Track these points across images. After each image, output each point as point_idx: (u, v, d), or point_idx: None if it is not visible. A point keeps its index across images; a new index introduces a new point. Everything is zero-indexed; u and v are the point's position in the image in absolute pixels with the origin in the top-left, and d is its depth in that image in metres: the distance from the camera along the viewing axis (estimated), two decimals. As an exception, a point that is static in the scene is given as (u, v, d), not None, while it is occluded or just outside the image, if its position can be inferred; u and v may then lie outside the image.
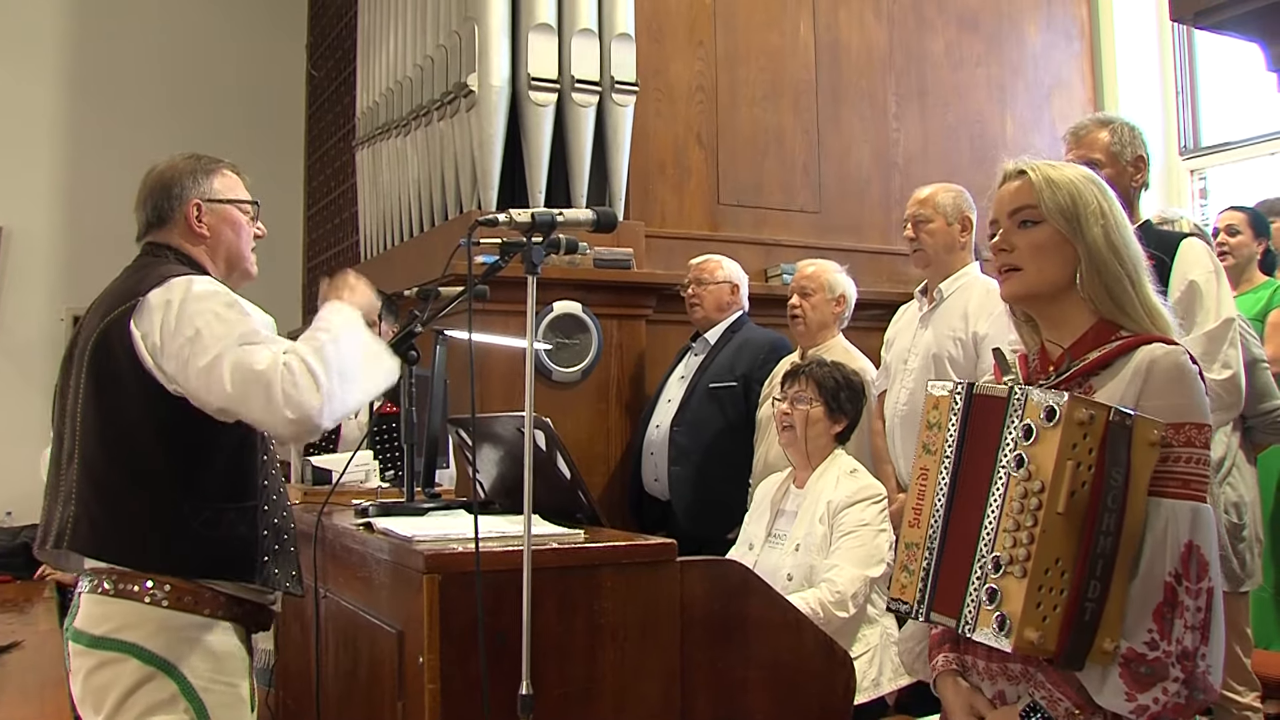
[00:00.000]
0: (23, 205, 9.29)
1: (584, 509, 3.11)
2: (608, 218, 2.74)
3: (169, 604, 2.58)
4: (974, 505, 2.09)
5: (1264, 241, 5.24)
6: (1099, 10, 7.43)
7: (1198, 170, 7.37)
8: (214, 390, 2.51)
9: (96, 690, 2.59)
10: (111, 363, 2.62)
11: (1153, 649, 1.95)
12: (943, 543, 2.15)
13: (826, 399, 3.89)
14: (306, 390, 2.50)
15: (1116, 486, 1.97)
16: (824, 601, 3.56)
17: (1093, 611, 1.96)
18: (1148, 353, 2.10)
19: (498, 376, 5.04)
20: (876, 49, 6.68)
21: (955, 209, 4.34)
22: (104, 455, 2.64)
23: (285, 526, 2.79)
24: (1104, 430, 1.96)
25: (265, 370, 2.49)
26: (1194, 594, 1.97)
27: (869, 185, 6.56)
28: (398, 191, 6.51)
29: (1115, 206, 2.21)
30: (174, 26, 9.83)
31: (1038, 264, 2.19)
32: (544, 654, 2.51)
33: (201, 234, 2.82)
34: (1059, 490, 1.94)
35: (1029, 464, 1.99)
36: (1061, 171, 2.23)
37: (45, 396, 9.90)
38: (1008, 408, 2.07)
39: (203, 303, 2.58)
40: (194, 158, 2.88)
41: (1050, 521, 1.95)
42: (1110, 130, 3.68)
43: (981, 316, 4.17)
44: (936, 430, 2.22)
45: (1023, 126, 7.11)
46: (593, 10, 5.65)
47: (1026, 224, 2.20)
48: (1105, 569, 1.97)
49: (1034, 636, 1.94)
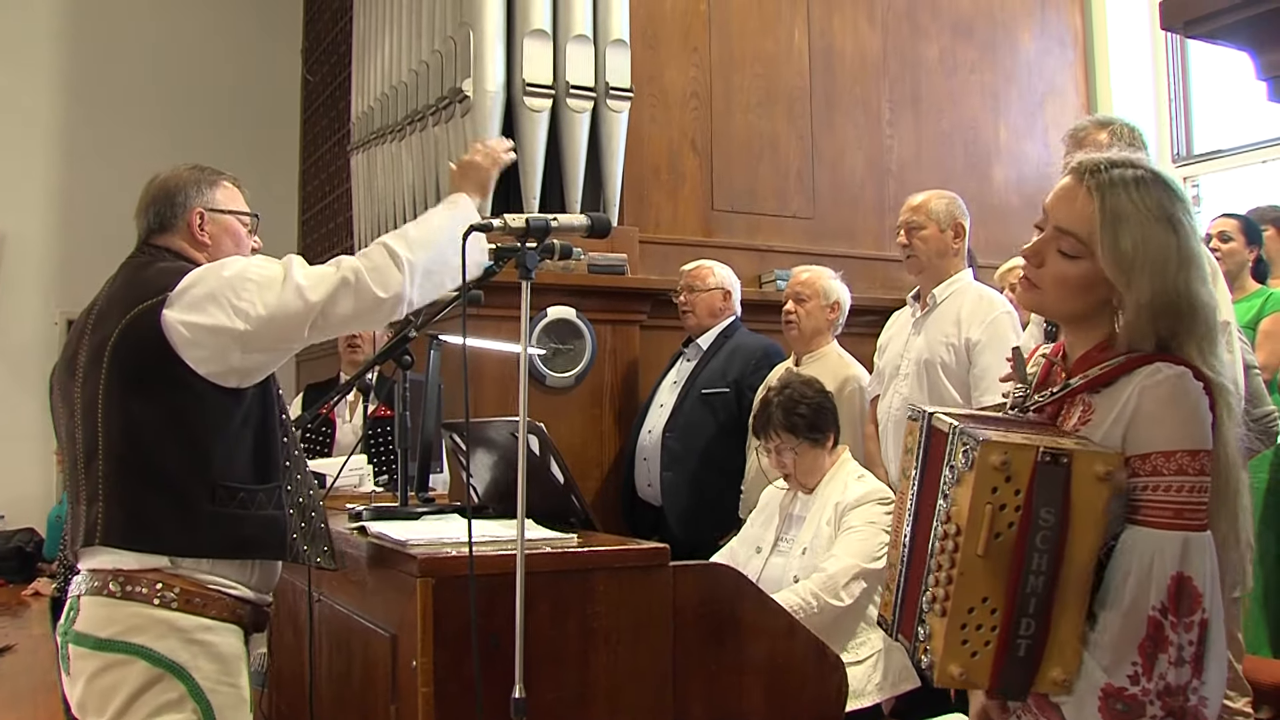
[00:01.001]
0: (18, 209, 9.30)
1: (577, 513, 3.12)
2: (601, 223, 2.76)
3: (178, 606, 2.60)
4: (925, 537, 2.06)
5: (1256, 249, 5.26)
6: (1092, 18, 7.47)
7: (1190, 177, 7.39)
8: (303, 311, 2.61)
9: (102, 693, 2.59)
10: (140, 356, 2.63)
11: (1134, 684, 1.89)
12: (908, 568, 2.14)
13: (805, 436, 3.89)
14: (388, 268, 2.65)
15: (1048, 526, 1.89)
16: (814, 590, 3.57)
17: (1028, 647, 1.92)
18: (1151, 374, 1.97)
19: (491, 381, 5.06)
20: (870, 56, 6.70)
21: (948, 215, 4.36)
22: (130, 449, 2.64)
23: (312, 505, 2.83)
24: (1031, 471, 1.89)
25: (340, 269, 2.65)
26: (1183, 628, 1.89)
27: (863, 191, 6.58)
28: (392, 196, 6.52)
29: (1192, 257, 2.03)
30: (169, 31, 9.84)
31: (1060, 296, 2.08)
32: (537, 658, 2.52)
33: (203, 242, 2.85)
34: (976, 534, 1.90)
35: (950, 505, 1.96)
36: (1135, 206, 2.00)
37: (38, 402, 9.85)
38: (948, 445, 2.02)
39: (239, 264, 2.69)
40: (197, 168, 2.92)
41: (969, 564, 1.92)
42: (1110, 132, 3.70)
43: (974, 322, 4.19)
44: (910, 455, 2.20)
45: (1016, 133, 7.14)
46: (588, 16, 5.67)
47: (1066, 255, 2.04)
48: (1039, 607, 1.91)
49: (955, 671, 1.94)
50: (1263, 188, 6.48)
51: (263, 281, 2.62)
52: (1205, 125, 7.39)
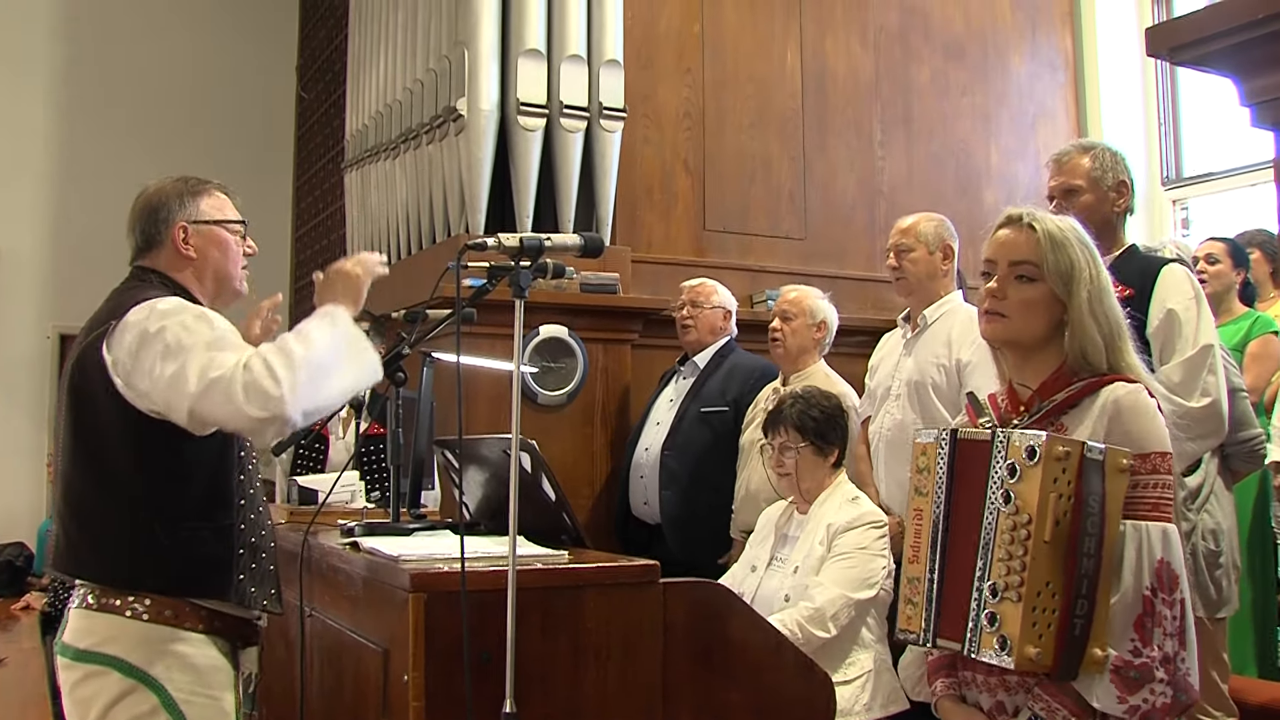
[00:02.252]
0: (12, 224, 9.33)
1: (568, 531, 3.14)
2: (594, 243, 2.79)
3: (149, 618, 2.63)
4: (967, 539, 2.28)
5: (1243, 272, 5.30)
6: (1083, 41, 7.51)
7: (1180, 200, 7.43)
8: (181, 395, 2.53)
9: (81, 702, 2.64)
10: (86, 385, 2.67)
11: (1137, 656, 2.15)
12: (942, 575, 2.35)
13: (811, 439, 3.92)
14: (268, 384, 2.50)
15: (1094, 513, 2.15)
16: (800, 621, 3.59)
17: (1081, 626, 2.16)
18: (1111, 391, 2.30)
19: (483, 399, 5.07)
20: (863, 77, 6.74)
21: (937, 238, 4.39)
22: (78, 475, 2.71)
23: (264, 545, 2.82)
24: (1079, 464, 2.15)
25: (227, 371, 2.51)
26: (1169, 605, 2.18)
27: (854, 212, 6.61)
28: (386, 214, 6.54)
29: (1102, 271, 2.39)
30: (165, 47, 9.87)
31: (1025, 317, 2.38)
32: (528, 673, 2.53)
33: (189, 256, 2.86)
34: (1044, 521, 2.14)
35: (1016, 499, 2.18)
36: (1063, 232, 2.39)
37: (30, 415, 9.86)
38: (992, 449, 2.26)
39: (170, 318, 2.62)
40: (181, 180, 2.92)
41: (1038, 549, 2.14)
42: (1091, 156, 3.73)
43: (964, 344, 4.21)
44: (926, 474, 2.41)
45: (1007, 155, 7.18)
46: (582, 36, 5.70)
47: (1024, 279, 2.38)
48: (1090, 587, 2.16)
49: (1032, 653, 2.13)
50: (1251, 211, 6.52)
51: (173, 350, 2.57)
52: (1194, 149, 7.43)
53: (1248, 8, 2.11)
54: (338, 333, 2.71)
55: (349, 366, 2.70)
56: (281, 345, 2.59)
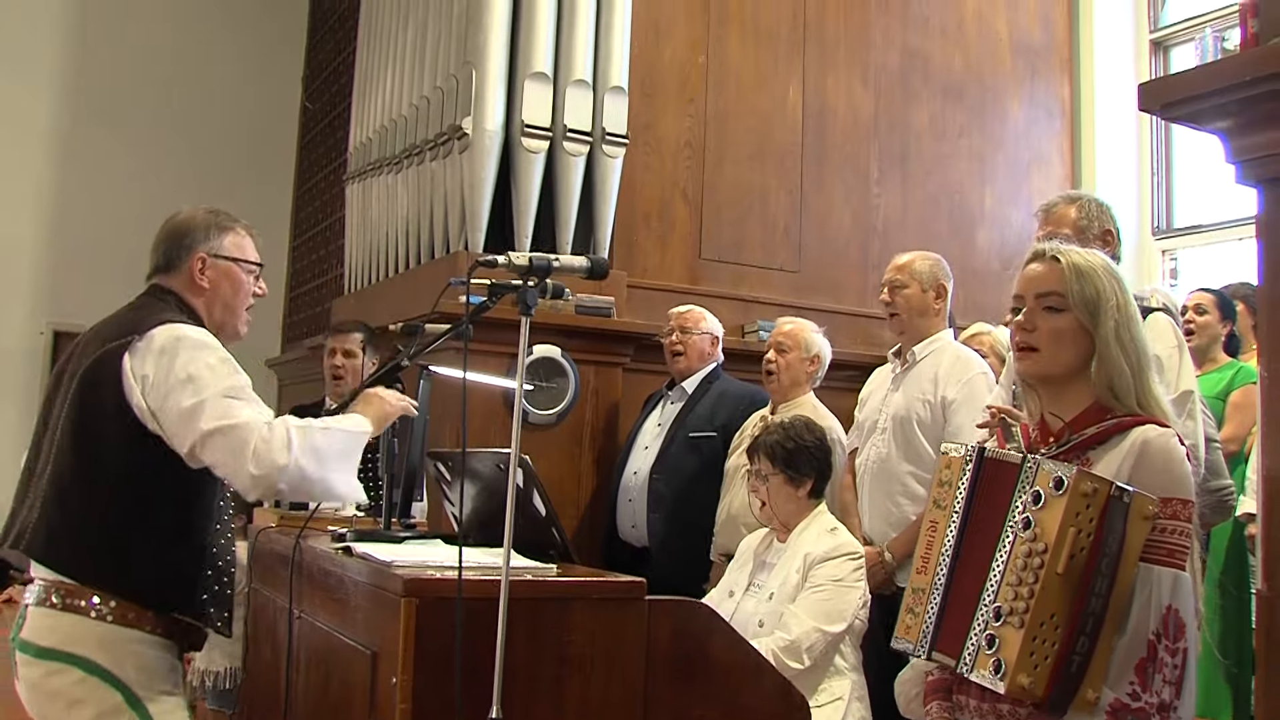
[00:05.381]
0: (9, 218, 9.35)
1: (557, 545, 3.19)
2: (600, 266, 2.86)
3: (113, 619, 2.74)
4: (980, 558, 2.30)
5: (1229, 324, 5.38)
6: (1080, 90, 7.61)
7: (1169, 250, 7.52)
8: (191, 430, 2.69)
9: (44, 699, 2.74)
10: (99, 391, 2.77)
11: (1135, 699, 2.15)
12: (948, 590, 2.36)
13: (782, 468, 3.95)
14: (278, 451, 2.69)
15: (1110, 554, 2.17)
16: (775, 650, 3.62)
17: (1079, 664, 2.17)
18: (1141, 433, 2.30)
19: (474, 414, 5.11)
20: (862, 116, 6.82)
21: (931, 276, 4.47)
22: (74, 474, 2.79)
23: (227, 569, 2.95)
24: (1105, 503, 2.16)
25: (244, 422, 2.69)
26: (1172, 652, 2.17)
27: (848, 248, 6.68)
28: (386, 228, 6.59)
29: (1129, 301, 2.41)
30: (173, 48, 9.93)
31: (1055, 348, 2.39)
32: (513, 681, 2.58)
33: (201, 286, 3.00)
34: (1060, 552, 2.15)
35: (1035, 526, 2.20)
36: (1089, 262, 2.41)
37: (19, 408, 9.85)
38: (1020, 474, 2.28)
39: (199, 351, 2.77)
40: (212, 212, 3.07)
41: (1050, 580, 2.16)
42: (1078, 206, 3.81)
43: (951, 382, 4.29)
44: (947, 488, 2.43)
45: (1001, 199, 7.26)
46: (588, 62, 5.78)
47: (1052, 310, 2.40)
48: (1094, 627, 2.17)
49: (1025, 681, 2.14)
50: (1238, 264, 6.61)
51: (196, 385, 2.71)
52: (1186, 200, 7.52)
53: (1237, 69, 2.19)
54: (354, 443, 2.92)
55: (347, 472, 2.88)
56: (306, 426, 2.77)
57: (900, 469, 4.35)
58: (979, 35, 7.32)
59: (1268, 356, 2.26)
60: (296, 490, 2.82)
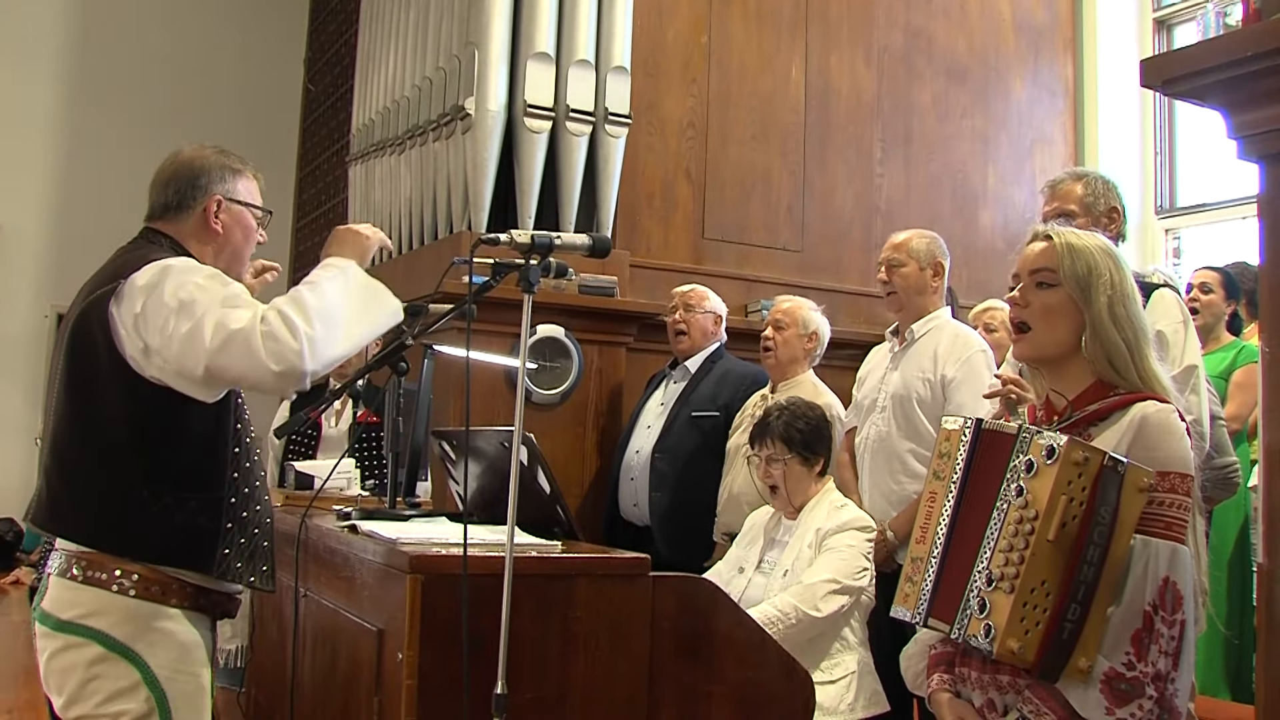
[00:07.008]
0: (13, 202, 9.35)
1: (561, 523, 3.20)
2: (603, 244, 2.86)
3: (136, 593, 2.61)
4: (975, 527, 2.33)
5: (1234, 303, 5.38)
6: (1084, 69, 7.60)
7: (1172, 230, 7.53)
8: (198, 351, 2.52)
9: (60, 672, 2.63)
10: (87, 343, 2.63)
11: (1130, 669, 2.18)
12: (944, 558, 2.39)
13: (798, 451, 3.97)
14: (284, 338, 2.51)
15: (1103, 523, 2.20)
16: (792, 603, 3.65)
17: (1070, 631, 2.20)
18: (1141, 409, 2.34)
19: (477, 393, 5.14)
20: (865, 96, 6.82)
21: (928, 254, 4.47)
22: (70, 434, 2.67)
23: (257, 521, 2.78)
24: (1097, 472, 2.19)
25: (244, 326, 2.51)
26: (1168, 624, 2.19)
27: (851, 228, 6.69)
28: (389, 208, 6.60)
29: (1126, 279, 2.44)
30: (175, 32, 9.91)
31: (1048, 324, 2.44)
32: (519, 657, 2.60)
33: (215, 230, 2.84)
34: (1051, 520, 2.18)
35: (1027, 494, 2.24)
36: (1083, 241, 2.46)
37: (26, 393, 9.88)
38: (1015, 444, 2.31)
39: (185, 275, 2.60)
40: (222, 152, 2.91)
41: (1040, 547, 2.19)
42: (1084, 183, 3.82)
43: (950, 360, 4.29)
44: (946, 459, 2.46)
45: (1004, 179, 7.26)
46: (591, 42, 5.78)
47: (1043, 285, 2.44)
48: (1086, 595, 2.20)
49: (1014, 646, 2.18)
50: (1241, 243, 6.61)
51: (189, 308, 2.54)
52: (1189, 179, 7.53)
53: (1239, 45, 2.19)
54: (350, 283, 2.73)
55: (365, 314, 2.73)
56: (295, 297, 2.60)
57: (900, 447, 4.36)
58: (982, 15, 7.31)
59: (1269, 334, 2.26)
60: (328, 361, 2.64)
